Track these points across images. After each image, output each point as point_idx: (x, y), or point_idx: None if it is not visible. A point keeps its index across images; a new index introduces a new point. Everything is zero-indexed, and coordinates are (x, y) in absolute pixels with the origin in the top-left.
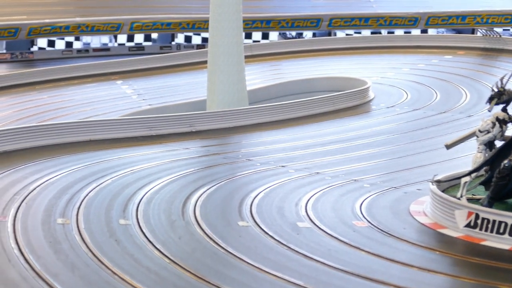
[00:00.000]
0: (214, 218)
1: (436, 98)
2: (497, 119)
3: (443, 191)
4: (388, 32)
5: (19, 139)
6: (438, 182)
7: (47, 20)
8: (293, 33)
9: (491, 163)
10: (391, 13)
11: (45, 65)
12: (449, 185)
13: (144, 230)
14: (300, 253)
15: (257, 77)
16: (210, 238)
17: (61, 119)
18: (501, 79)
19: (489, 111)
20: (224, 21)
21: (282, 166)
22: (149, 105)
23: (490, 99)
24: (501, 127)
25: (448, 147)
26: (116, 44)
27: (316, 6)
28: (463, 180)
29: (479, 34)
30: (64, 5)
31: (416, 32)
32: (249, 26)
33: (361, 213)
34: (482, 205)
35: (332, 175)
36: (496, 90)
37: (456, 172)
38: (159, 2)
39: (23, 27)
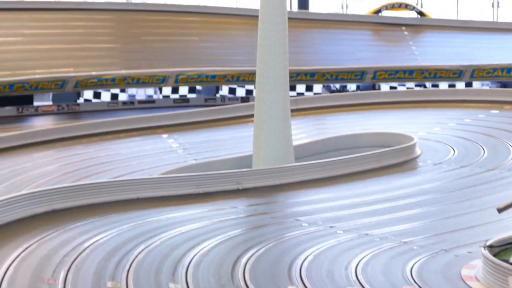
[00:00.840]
0: (264, 282)
1: (483, 154)
2: None
3: (495, 255)
4: (433, 85)
5: (68, 197)
6: (490, 247)
7: (93, 73)
8: (337, 85)
9: None
10: (435, 65)
11: (91, 117)
12: (500, 249)
13: None
14: None
15: (302, 131)
16: None
17: (108, 174)
18: None
19: None
20: (271, 77)
21: (331, 226)
22: (195, 159)
23: None
24: None
25: (500, 211)
26: (161, 96)
27: (361, 58)
28: None
29: None
30: (110, 58)
31: (460, 85)
32: (293, 78)
33: (412, 277)
34: None
35: (381, 237)
36: None
37: (508, 235)
38: (204, 54)
39: (70, 79)
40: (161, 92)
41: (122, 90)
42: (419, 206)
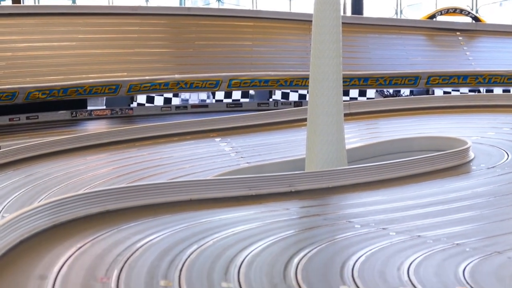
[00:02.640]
0: (316, 282)
1: None
2: None
3: None
4: (487, 90)
5: (122, 198)
6: None
7: (147, 77)
8: (391, 90)
9: None
10: (490, 71)
11: (144, 121)
12: None
13: None
14: None
15: (355, 135)
16: None
17: (161, 177)
18: None
19: None
20: (324, 81)
21: (383, 228)
22: (247, 163)
23: None
24: None
25: None
26: (213, 101)
27: (414, 64)
28: None
29: None
30: (163, 63)
31: None
32: (347, 83)
33: (465, 279)
34: None
35: (434, 239)
36: None
37: None
38: (257, 59)
39: (123, 83)
40: (214, 97)
41: (175, 95)
42: (472, 209)
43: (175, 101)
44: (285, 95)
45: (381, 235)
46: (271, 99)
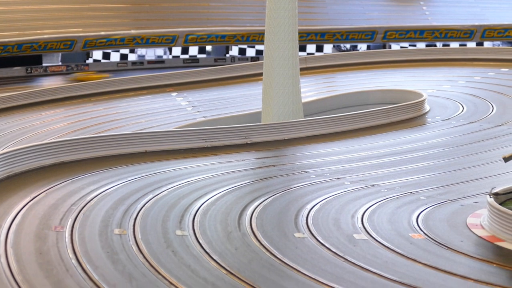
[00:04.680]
0: (270, 230)
1: (492, 111)
2: None
3: (500, 204)
4: (443, 45)
5: (76, 150)
6: (496, 195)
7: (102, 33)
8: (348, 45)
9: None
10: (446, 25)
11: None
12: (506, 198)
13: (200, 241)
14: (356, 265)
15: (312, 89)
16: (267, 249)
17: (117, 131)
18: None
19: None
20: (280, 33)
21: (338, 178)
22: (204, 117)
23: None
24: None
25: (506, 159)
26: (170, 57)
27: (371, 19)
28: None
29: None
30: (119, 18)
31: (471, 45)
32: (304, 38)
33: (418, 225)
34: None
35: (388, 188)
36: None
37: None
38: (214, 15)
39: (78, 39)
40: (170, 53)
41: (132, 51)
42: (426, 159)
43: (132, 57)
44: (242, 51)
45: (336, 185)
46: (228, 55)
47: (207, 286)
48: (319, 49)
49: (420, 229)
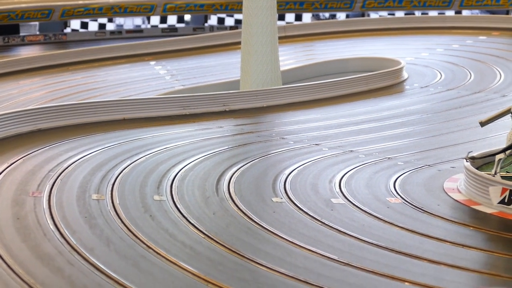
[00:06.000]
0: (248, 195)
1: (470, 78)
2: None
3: (477, 168)
4: (422, 13)
5: (53, 117)
6: (473, 159)
7: (80, 2)
8: (326, 14)
9: None
10: None
11: (78, 47)
12: (483, 162)
13: (178, 206)
14: (334, 228)
15: (290, 57)
16: (244, 214)
17: (95, 100)
18: None
19: None
20: (258, 1)
21: (316, 144)
22: (182, 85)
23: None
24: None
25: (482, 124)
26: (149, 26)
27: None
28: (498, 157)
29: None
30: None
31: (450, 13)
32: (282, 7)
33: (395, 190)
34: None
35: (366, 153)
36: None
37: (491, 149)
38: None
39: (56, 8)
40: (149, 22)
41: (110, 20)
42: (405, 125)
43: (110, 27)
44: (220, 20)
45: (314, 151)
46: (206, 24)
47: (184, 249)
48: (298, 18)
49: (397, 193)
